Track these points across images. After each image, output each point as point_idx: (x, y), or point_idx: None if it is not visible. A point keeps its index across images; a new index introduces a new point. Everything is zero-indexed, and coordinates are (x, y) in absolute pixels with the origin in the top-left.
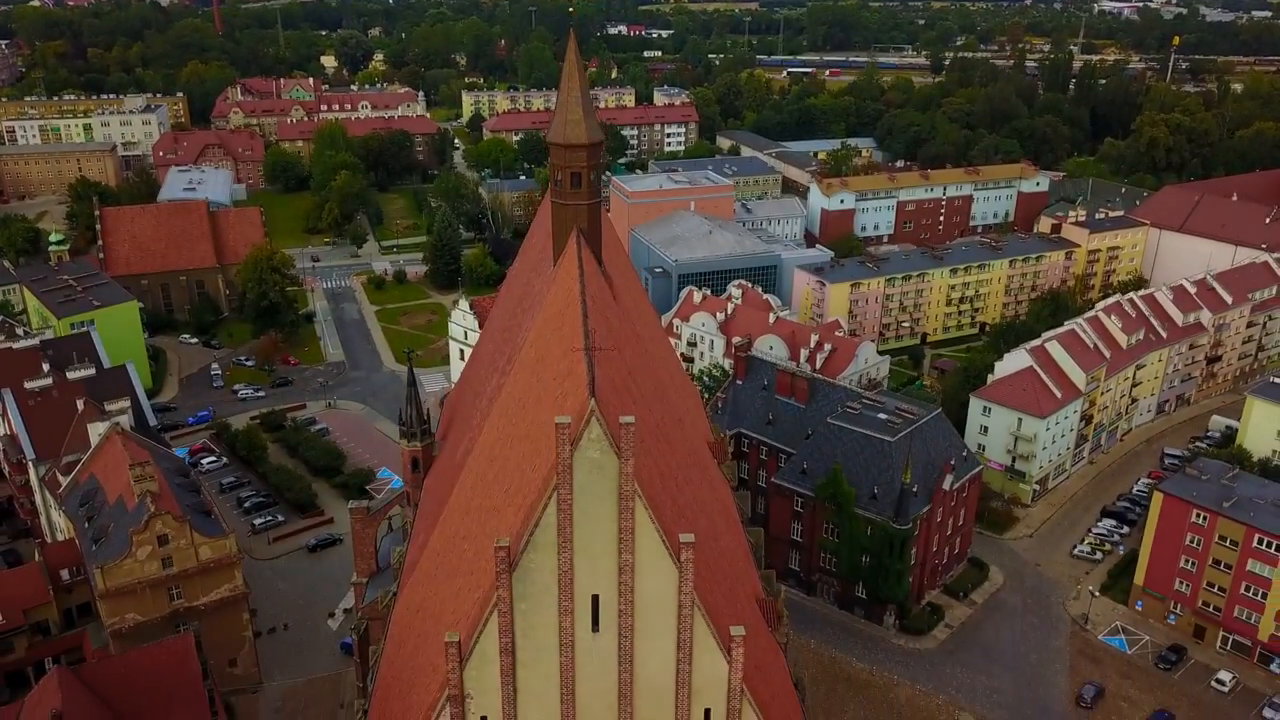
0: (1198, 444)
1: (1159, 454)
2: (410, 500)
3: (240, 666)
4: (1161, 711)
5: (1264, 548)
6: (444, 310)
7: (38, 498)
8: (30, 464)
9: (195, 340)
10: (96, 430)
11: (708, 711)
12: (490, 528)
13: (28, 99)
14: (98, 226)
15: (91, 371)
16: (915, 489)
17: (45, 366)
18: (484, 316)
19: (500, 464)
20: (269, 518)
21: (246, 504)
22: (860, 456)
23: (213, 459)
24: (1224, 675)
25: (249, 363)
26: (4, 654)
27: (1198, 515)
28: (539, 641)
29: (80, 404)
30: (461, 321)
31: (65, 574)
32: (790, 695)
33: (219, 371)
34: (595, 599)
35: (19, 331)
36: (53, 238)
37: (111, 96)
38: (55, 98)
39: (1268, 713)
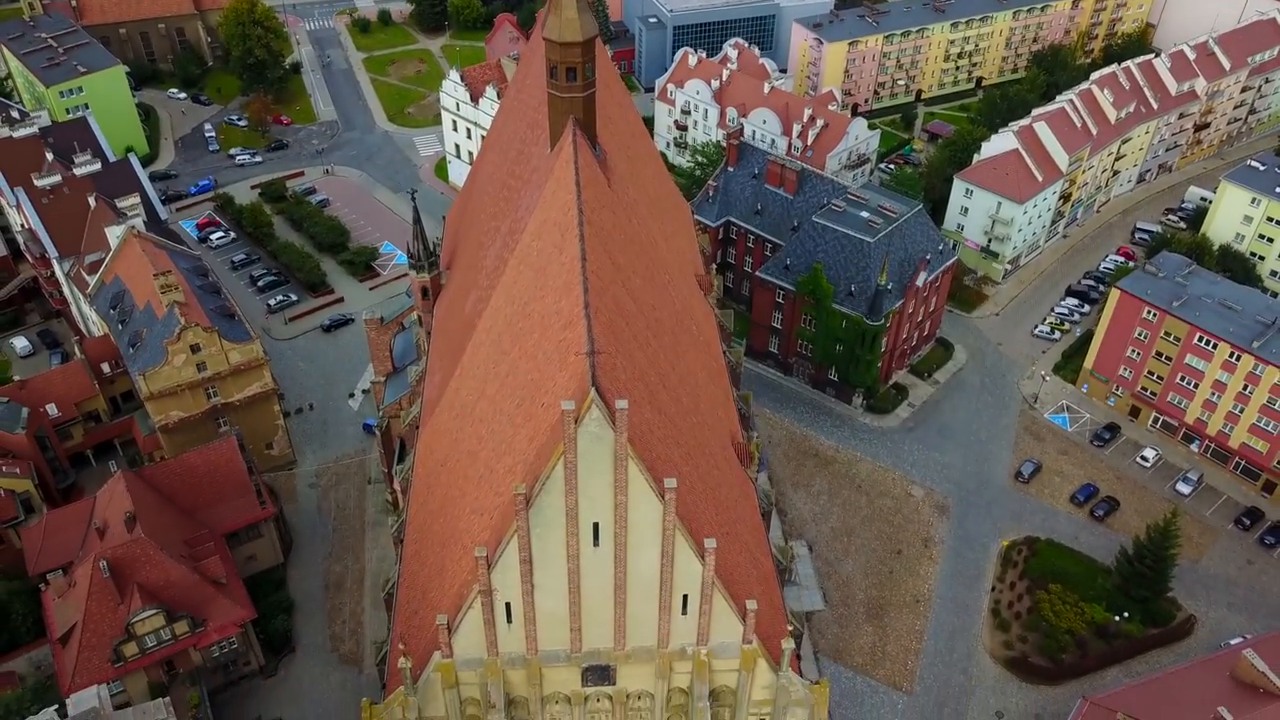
0: (1170, 217)
1: (1131, 228)
2: (422, 324)
3: (276, 448)
4: (1089, 485)
5: (1202, 344)
6: (432, 59)
7: (66, 291)
8: (54, 261)
9: (183, 95)
10: (114, 234)
11: (685, 597)
12: (508, 438)
13: None
14: None
15: (97, 166)
16: (890, 287)
17: (49, 156)
18: (475, 89)
19: (510, 363)
20: (283, 297)
21: (260, 283)
22: (841, 255)
23: (220, 234)
24: (1149, 452)
25: (241, 122)
26: (65, 440)
27: (1148, 312)
28: (550, 553)
29: (92, 200)
30: (453, 93)
31: (106, 367)
32: (758, 530)
33: (213, 134)
34: (596, 525)
35: (14, 114)
36: None
37: None
38: None
39: (1180, 485)
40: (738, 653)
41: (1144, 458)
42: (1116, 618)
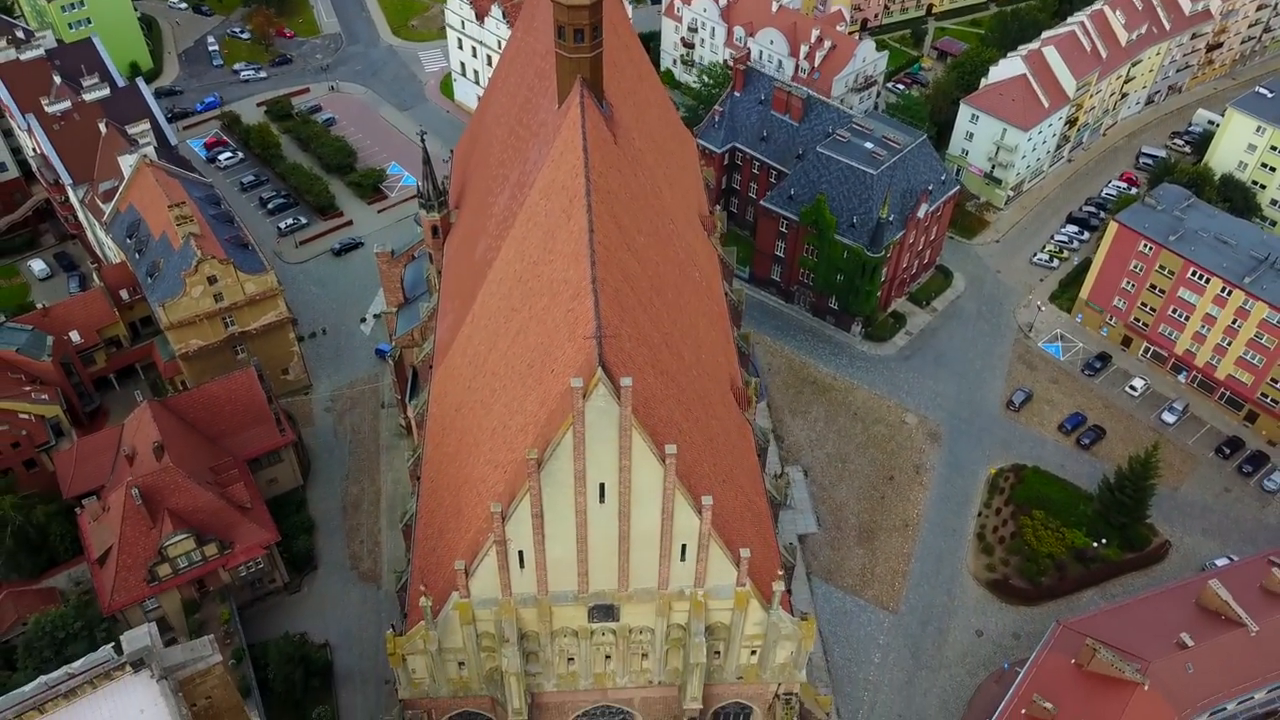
0: (1176, 141)
1: (1136, 152)
2: (433, 261)
3: (292, 374)
4: (1077, 414)
5: (1195, 279)
6: None
7: (81, 216)
8: (69, 188)
9: (184, 6)
10: (126, 162)
11: (684, 546)
12: (519, 397)
13: None
14: None
15: (106, 91)
16: (891, 219)
17: (56, 79)
18: (480, 8)
19: (521, 323)
20: (293, 220)
21: (269, 205)
22: (843, 186)
23: (229, 154)
24: (1137, 382)
25: (244, 35)
26: (88, 366)
27: (1144, 245)
28: (560, 509)
29: (102, 127)
30: (458, 11)
31: (124, 294)
32: (754, 472)
33: (216, 47)
34: (602, 485)
35: (20, 34)
36: None
37: None
38: None
39: (1166, 415)
40: (732, 594)
41: (1132, 387)
42: (1095, 544)
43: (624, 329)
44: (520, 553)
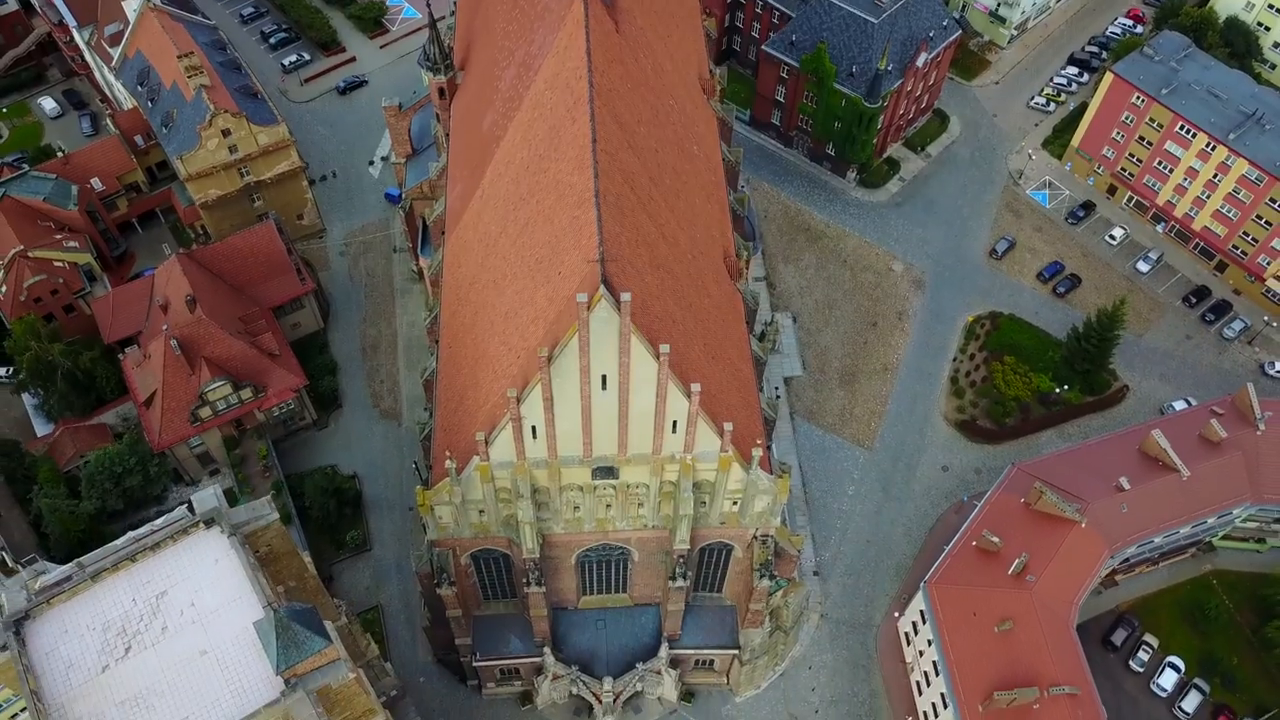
0: None
1: None
2: (440, 120)
3: (306, 219)
4: (1056, 262)
5: (1182, 133)
6: None
7: (88, 58)
8: (74, 30)
9: None
10: (130, 7)
11: (675, 422)
12: (529, 291)
13: None
14: None
15: None
16: (890, 69)
17: None
18: None
19: (529, 214)
20: (296, 57)
21: (271, 40)
22: (845, 34)
23: None
24: (1117, 231)
25: None
26: (111, 211)
27: (1137, 98)
28: (568, 395)
29: None
30: None
31: (139, 139)
32: (741, 342)
33: None
34: (604, 376)
35: None
36: None
37: None
38: None
39: (1141, 264)
40: (717, 458)
41: (1112, 236)
42: (1058, 389)
43: (624, 235)
44: (533, 427)
